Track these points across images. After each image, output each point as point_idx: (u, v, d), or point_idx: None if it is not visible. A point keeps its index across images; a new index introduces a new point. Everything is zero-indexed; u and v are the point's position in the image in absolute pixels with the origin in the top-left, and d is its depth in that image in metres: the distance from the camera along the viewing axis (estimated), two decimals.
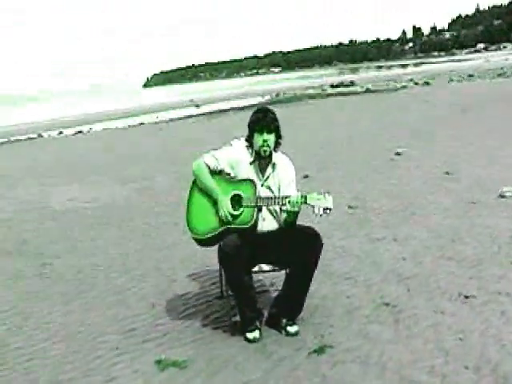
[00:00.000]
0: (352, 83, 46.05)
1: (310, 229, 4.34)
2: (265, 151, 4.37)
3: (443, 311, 4.49)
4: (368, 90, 37.25)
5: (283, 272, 4.56)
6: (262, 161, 4.45)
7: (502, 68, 47.95)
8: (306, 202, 4.18)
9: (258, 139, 4.36)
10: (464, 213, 7.10)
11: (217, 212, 4.35)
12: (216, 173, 4.46)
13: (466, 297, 4.70)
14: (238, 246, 4.12)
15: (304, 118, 21.54)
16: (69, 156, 17.75)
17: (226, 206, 4.29)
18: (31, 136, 28.05)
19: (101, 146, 20.07)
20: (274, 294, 4.73)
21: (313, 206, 4.16)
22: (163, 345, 4.35)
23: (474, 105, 19.59)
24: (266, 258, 4.46)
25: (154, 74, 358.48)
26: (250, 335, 4.28)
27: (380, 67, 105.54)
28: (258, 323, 4.35)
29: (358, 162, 11.30)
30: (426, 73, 55.44)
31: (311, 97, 36.25)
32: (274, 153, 4.47)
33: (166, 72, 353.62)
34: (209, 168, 4.44)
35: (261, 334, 4.31)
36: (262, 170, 4.46)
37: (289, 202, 4.20)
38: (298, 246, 4.23)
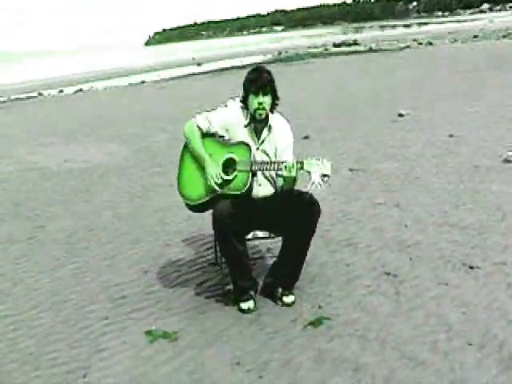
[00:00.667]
0: (355, 42, 45.37)
1: (308, 195, 4.12)
2: (260, 114, 4.12)
3: (447, 282, 4.31)
4: (371, 50, 36.68)
5: (279, 239, 4.37)
6: (258, 123, 4.21)
7: (506, 29, 47.08)
8: (302, 168, 3.95)
9: (253, 101, 4.11)
10: (468, 178, 6.87)
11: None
12: (209, 135, 4.23)
13: (471, 267, 4.51)
14: (231, 213, 3.91)
15: (306, 78, 21.14)
16: (68, 115, 17.46)
17: (213, 175, 4.06)
18: (31, 95, 27.63)
19: (100, 104, 19.75)
20: (270, 262, 4.54)
21: (309, 173, 3.94)
22: (154, 314, 4.18)
23: (479, 65, 19.17)
24: (261, 224, 4.25)
25: (156, 33, 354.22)
26: (243, 305, 4.10)
27: (383, 27, 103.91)
28: (252, 293, 4.17)
29: (360, 123, 11.02)
30: (429, 33, 54.52)
31: (314, 56, 35.71)
32: (270, 114, 4.22)
33: (168, 30, 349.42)
34: (201, 131, 4.21)
35: (255, 304, 4.13)
36: (257, 132, 4.22)
37: (285, 167, 3.98)
38: (294, 213, 4.02)
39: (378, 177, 7.23)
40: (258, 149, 4.20)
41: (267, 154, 4.21)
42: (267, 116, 4.19)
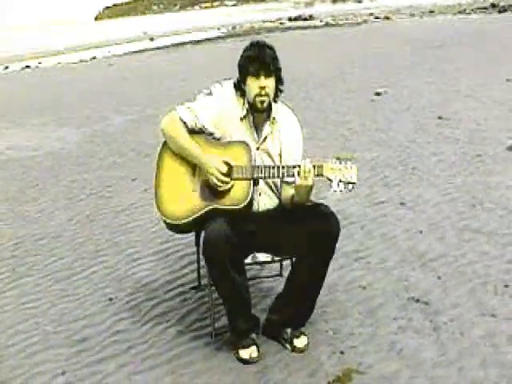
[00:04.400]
0: (311, 17, 44.42)
1: (323, 206, 3.20)
2: (262, 102, 3.15)
3: (493, 313, 3.44)
4: (328, 24, 35.79)
5: (285, 264, 3.44)
6: (258, 115, 3.24)
7: (459, 5, 46.71)
8: (321, 174, 3.04)
9: (253, 85, 3.14)
10: (474, 169, 6.03)
11: (198, 185, 3.16)
12: (194, 132, 3.25)
13: None
14: (228, 236, 2.95)
15: None
16: (12, 95, 16.01)
17: (218, 166, 3.11)
18: None
19: (48, 82, 18.28)
20: (274, 293, 3.60)
21: (330, 180, 3.02)
22: (125, 367, 3.19)
23: (443, 40, 18.41)
24: (263, 245, 3.31)
25: (106, 7, 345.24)
26: (244, 353, 3.15)
27: (335, 1, 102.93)
28: (254, 336, 3.22)
29: (335, 103, 10.08)
30: (384, 7, 53.86)
31: (269, 30, 34.59)
32: (273, 104, 3.26)
33: (118, 5, 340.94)
34: (186, 126, 3.23)
35: (259, 351, 3.17)
36: (257, 127, 3.26)
37: (298, 172, 3.04)
38: (306, 230, 3.09)
39: (372, 167, 6.33)
40: (258, 149, 3.24)
41: (270, 156, 3.26)
42: (270, 105, 3.22)
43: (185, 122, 3.22)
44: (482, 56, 14.08)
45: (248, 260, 3.29)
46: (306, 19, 43.24)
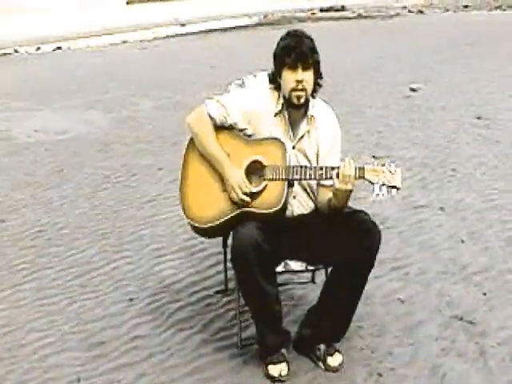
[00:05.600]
0: (343, 8, 43.79)
1: (363, 214, 2.94)
2: (298, 97, 2.89)
3: None
4: (360, 16, 35.16)
5: (319, 273, 3.19)
6: (294, 111, 2.98)
7: (495, 0, 45.73)
8: (362, 177, 2.78)
9: (289, 78, 2.87)
10: None
11: (225, 188, 2.91)
12: (225, 128, 2.99)
13: None
14: (259, 243, 2.70)
15: None
16: (43, 76, 15.84)
17: (240, 183, 2.85)
18: (5, 51, 25.74)
19: (79, 64, 18.13)
20: (306, 306, 3.35)
21: (372, 183, 2.76)
22: (143, 378, 2.97)
23: (480, 36, 17.89)
24: (296, 252, 3.05)
25: None
26: (273, 370, 2.90)
27: None
28: (284, 351, 2.98)
29: (369, 98, 9.72)
30: (418, 1, 52.97)
31: (301, 20, 34.03)
32: (311, 100, 2.99)
33: None
34: (214, 122, 2.97)
35: (289, 368, 2.93)
36: (293, 125, 3.00)
37: (337, 175, 2.78)
38: (345, 238, 2.84)
39: (409, 167, 6.01)
40: (294, 148, 2.98)
41: (306, 156, 3.00)
42: (307, 101, 2.95)
43: (213, 118, 2.97)
44: None
45: (279, 268, 3.04)
46: (338, 10, 42.62)
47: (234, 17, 44.34)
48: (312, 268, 3.16)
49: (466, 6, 39.50)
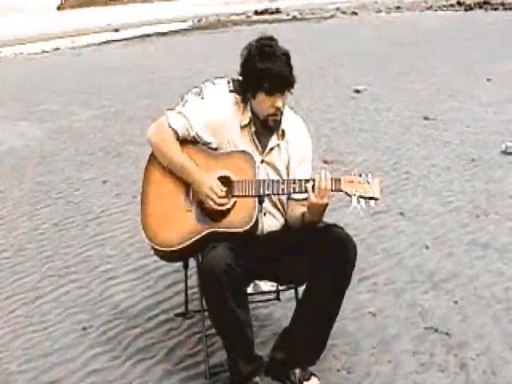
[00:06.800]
0: (277, 10, 44.01)
1: (337, 227, 2.76)
2: (275, 120, 2.71)
3: None
4: (295, 18, 35.43)
5: (289, 293, 2.99)
6: (263, 125, 2.77)
7: (425, 1, 46.74)
8: (339, 189, 2.60)
9: (267, 103, 2.66)
10: (471, 175, 5.65)
11: (193, 205, 2.67)
12: (187, 141, 2.76)
13: None
14: (230, 266, 2.48)
15: (232, 48, 19.50)
16: None
17: (214, 187, 2.62)
18: None
19: (9, 73, 17.46)
20: (277, 327, 3.14)
21: (350, 195, 2.59)
22: None
23: (416, 37, 18.10)
24: (266, 272, 2.84)
25: None
26: None
27: None
28: (257, 380, 2.75)
29: (314, 100, 9.64)
30: (350, 2, 53.69)
31: (236, 23, 34.04)
32: None
33: None
34: (177, 135, 2.73)
35: None
36: (261, 137, 2.79)
37: (312, 188, 2.59)
38: (320, 255, 2.65)
39: (362, 172, 5.89)
40: (262, 161, 2.77)
41: (276, 169, 2.80)
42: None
43: (175, 131, 2.72)
44: (457, 54, 13.78)
45: (249, 290, 2.83)
46: (272, 13, 42.83)
47: (168, 22, 43.94)
48: (283, 288, 2.96)
49: (398, 8, 40.28)
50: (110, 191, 5.82)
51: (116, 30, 37.60)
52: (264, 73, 2.61)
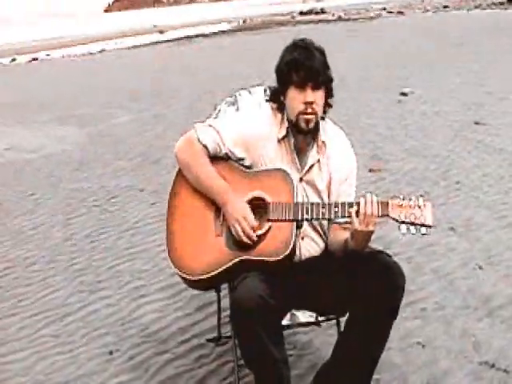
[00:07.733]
0: (322, 11, 43.64)
1: (384, 254, 2.49)
2: (307, 121, 2.43)
3: None
4: (340, 19, 34.99)
5: (330, 324, 2.72)
6: (301, 137, 2.51)
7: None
8: (386, 215, 2.32)
9: (297, 99, 2.41)
10: None
11: (223, 229, 2.43)
12: (218, 158, 2.52)
13: None
14: (263, 299, 2.23)
15: (276, 49, 19.20)
16: (17, 88, 15.31)
17: (245, 216, 2.38)
18: None
19: (55, 76, 17.59)
20: (311, 356, 2.89)
21: (399, 222, 2.31)
22: None
23: (464, 37, 17.54)
24: (305, 302, 2.58)
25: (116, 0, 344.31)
26: None
27: None
28: None
29: (361, 105, 9.31)
30: (396, 2, 52.88)
31: (281, 24, 33.79)
32: (321, 122, 2.53)
33: None
34: (207, 151, 2.50)
35: None
36: (300, 153, 2.53)
37: (356, 213, 2.32)
38: (365, 283, 2.38)
39: (409, 181, 5.60)
40: (301, 180, 2.51)
41: (316, 189, 2.53)
42: (317, 125, 2.49)
43: (205, 146, 2.49)
44: (508, 55, 13.24)
45: (285, 321, 2.58)
46: (317, 13, 42.50)
47: (214, 23, 44.00)
48: (323, 319, 2.70)
49: (446, 6, 39.51)
50: (146, 200, 5.64)
51: (161, 32, 37.78)
52: (292, 63, 2.42)
